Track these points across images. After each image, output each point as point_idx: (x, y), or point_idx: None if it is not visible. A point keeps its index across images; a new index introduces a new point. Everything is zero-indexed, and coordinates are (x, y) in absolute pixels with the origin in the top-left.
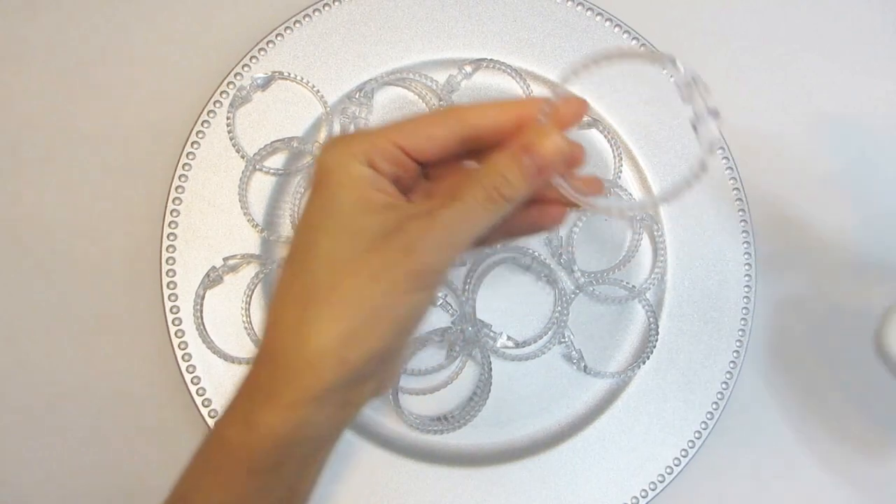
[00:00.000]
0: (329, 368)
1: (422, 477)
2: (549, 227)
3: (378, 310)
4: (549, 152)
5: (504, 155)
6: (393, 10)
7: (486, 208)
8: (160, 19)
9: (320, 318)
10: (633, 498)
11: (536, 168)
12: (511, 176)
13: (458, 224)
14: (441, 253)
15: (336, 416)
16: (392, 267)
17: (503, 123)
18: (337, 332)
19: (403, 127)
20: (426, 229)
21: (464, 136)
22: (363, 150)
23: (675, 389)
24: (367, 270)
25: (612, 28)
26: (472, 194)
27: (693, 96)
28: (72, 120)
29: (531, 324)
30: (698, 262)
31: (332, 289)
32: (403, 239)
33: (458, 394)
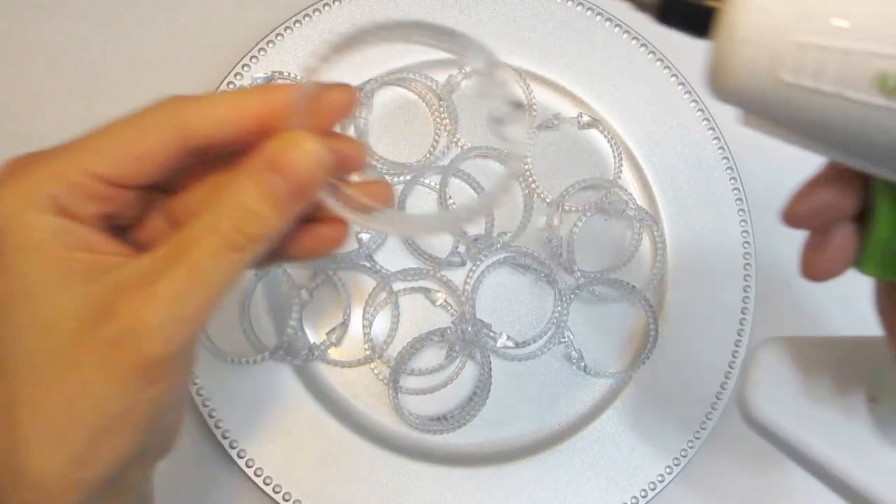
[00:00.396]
0: (64, 493)
1: (422, 477)
2: (326, 252)
3: (105, 422)
4: (304, 167)
5: (243, 178)
6: (393, 10)
7: (226, 261)
8: (160, 19)
9: (34, 443)
10: (633, 498)
11: (291, 190)
12: (256, 206)
13: (190, 291)
14: (172, 336)
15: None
16: (108, 365)
17: (240, 125)
18: (61, 457)
19: (98, 145)
20: (143, 308)
21: (188, 147)
22: (46, 191)
23: (675, 389)
24: (75, 375)
25: (612, 28)
26: (204, 245)
27: (492, 86)
28: (72, 120)
29: (531, 324)
30: (698, 262)
31: (38, 406)
32: (113, 326)
33: (458, 394)
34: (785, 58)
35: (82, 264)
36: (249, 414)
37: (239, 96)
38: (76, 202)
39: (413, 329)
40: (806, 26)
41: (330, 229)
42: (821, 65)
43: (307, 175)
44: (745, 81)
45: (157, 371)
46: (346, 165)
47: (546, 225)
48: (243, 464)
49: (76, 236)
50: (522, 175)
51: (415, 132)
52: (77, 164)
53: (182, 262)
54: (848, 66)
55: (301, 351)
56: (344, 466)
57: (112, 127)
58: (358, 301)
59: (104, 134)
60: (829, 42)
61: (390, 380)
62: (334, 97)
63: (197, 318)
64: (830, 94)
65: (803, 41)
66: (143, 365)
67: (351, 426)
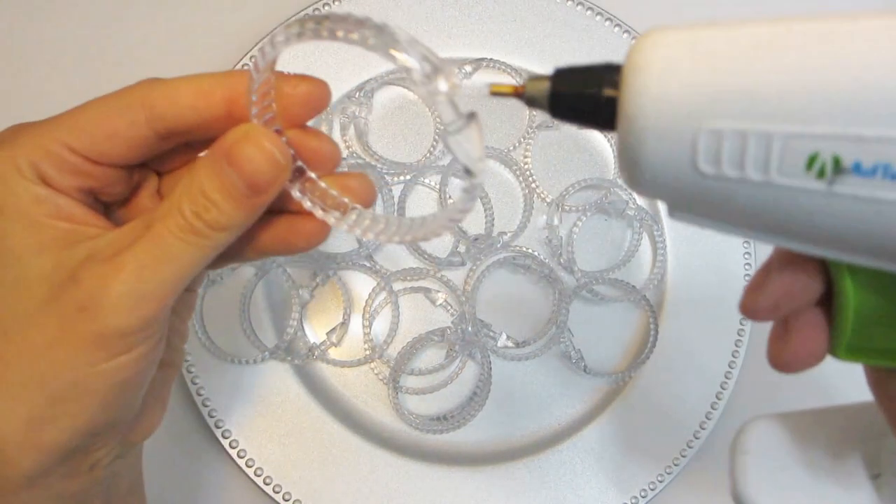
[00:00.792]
0: (24, 456)
1: (422, 477)
2: (305, 247)
3: (64, 387)
4: (257, 165)
5: (204, 164)
6: (393, 10)
7: (189, 242)
8: (160, 19)
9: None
10: (633, 498)
11: (246, 186)
12: (215, 197)
13: (152, 268)
14: (132, 309)
15: (75, 485)
16: (69, 331)
17: (207, 110)
18: (18, 418)
19: (73, 121)
20: (106, 278)
21: (158, 129)
22: (30, 159)
23: (675, 389)
24: (41, 337)
25: (613, 28)
26: (167, 224)
27: (437, 94)
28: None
29: (531, 324)
30: (698, 262)
31: (3, 362)
32: (77, 293)
33: (458, 394)
34: (700, 147)
35: (60, 231)
36: (249, 414)
37: (204, 80)
38: (56, 173)
39: (413, 329)
40: (720, 110)
41: (309, 223)
42: (742, 151)
43: (260, 174)
44: (660, 175)
45: (117, 343)
46: (318, 163)
47: (546, 225)
48: (243, 464)
49: (56, 205)
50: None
51: (415, 132)
52: (55, 137)
53: (146, 238)
54: (773, 150)
55: (301, 351)
56: (344, 466)
57: (88, 105)
58: (358, 301)
59: (80, 110)
60: (749, 126)
61: (390, 380)
62: (302, 90)
63: (159, 295)
64: (758, 183)
65: (719, 127)
66: (102, 335)
67: (351, 426)
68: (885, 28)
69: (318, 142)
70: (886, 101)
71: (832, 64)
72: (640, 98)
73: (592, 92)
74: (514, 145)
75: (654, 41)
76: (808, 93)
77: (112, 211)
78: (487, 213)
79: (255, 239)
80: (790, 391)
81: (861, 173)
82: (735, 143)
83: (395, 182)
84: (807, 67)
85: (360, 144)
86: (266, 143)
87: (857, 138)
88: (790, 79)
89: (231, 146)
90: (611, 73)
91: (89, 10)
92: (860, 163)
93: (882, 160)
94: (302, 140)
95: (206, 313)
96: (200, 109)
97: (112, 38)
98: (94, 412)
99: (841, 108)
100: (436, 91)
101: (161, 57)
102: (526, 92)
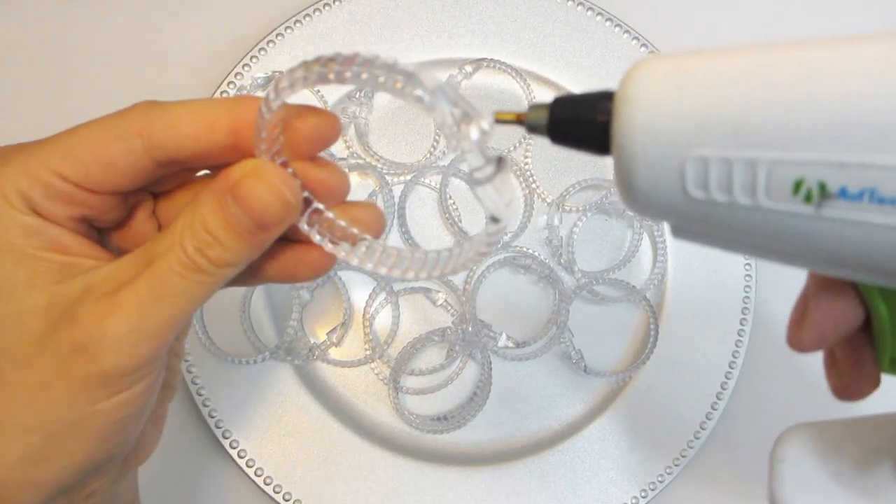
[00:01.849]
0: (23, 493)
1: (422, 477)
2: (310, 277)
3: (62, 427)
4: (265, 204)
5: (208, 199)
6: (393, 10)
7: (191, 279)
8: (160, 19)
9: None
10: (633, 498)
11: (252, 224)
12: (219, 233)
13: (154, 306)
14: (133, 348)
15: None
16: (66, 371)
17: (209, 139)
18: (15, 457)
19: (66, 147)
20: (105, 316)
21: (157, 158)
22: (17, 187)
23: (675, 389)
24: (36, 376)
25: (613, 28)
26: (169, 260)
27: (466, 142)
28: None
29: (531, 324)
30: (698, 262)
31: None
32: (75, 332)
33: (458, 394)
34: (688, 173)
35: (53, 264)
36: (249, 414)
37: (207, 108)
38: (47, 202)
39: (413, 329)
40: (705, 138)
41: (314, 253)
42: (729, 177)
43: (268, 213)
44: (653, 199)
45: (117, 382)
46: (326, 194)
47: (546, 225)
48: (244, 464)
49: (48, 237)
50: (523, 174)
51: (415, 132)
52: (46, 164)
53: (147, 274)
54: (759, 176)
55: (301, 351)
56: (344, 466)
57: (81, 129)
58: (358, 301)
59: (72, 135)
60: (734, 153)
61: (390, 380)
62: (311, 124)
63: (160, 333)
64: (747, 207)
65: (705, 155)
66: (101, 375)
67: (351, 426)
68: (864, 56)
69: (326, 173)
70: (867, 128)
71: (813, 92)
72: (628, 128)
73: (587, 119)
74: (514, 145)
75: (643, 71)
76: (790, 120)
77: (106, 235)
78: (487, 213)
79: (259, 269)
80: (790, 392)
81: (848, 197)
82: (722, 170)
83: (395, 182)
84: (788, 95)
85: (361, 144)
86: (276, 180)
87: (840, 164)
88: (772, 107)
89: (238, 183)
90: (605, 101)
91: (89, 10)
92: (846, 188)
93: (868, 185)
94: (309, 171)
95: (206, 313)
96: (203, 140)
97: (112, 39)
98: (92, 449)
99: (822, 135)
100: (466, 140)
101: (162, 57)
102: (527, 119)
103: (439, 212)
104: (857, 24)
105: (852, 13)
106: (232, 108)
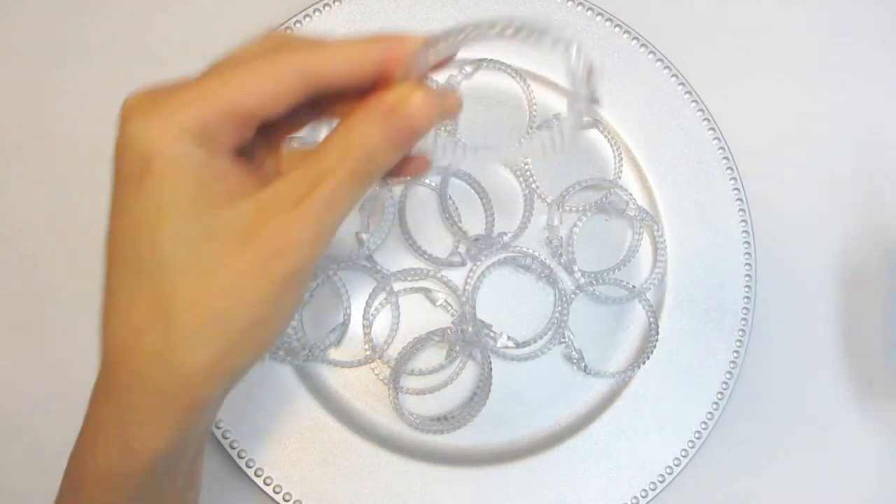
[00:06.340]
0: (209, 383)
1: (422, 477)
2: (413, 176)
3: (254, 321)
4: (422, 115)
5: (367, 119)
6: (393, 10)
7: (354, 187)
8: (160, 19)
9: (189, 340)
10: (633, 498)
11: (409, 135)
12: (380, 148)
13: (328, 212)
14: (314, 247)
15: (217, 411)
16: (263, 272)
17: (359, 73)
18: (213, 352)
19: (236, 80)
20: (296, 223)
21: (308, 89)
22: (193, 121)
23: (675, 389)
24: (231, 281)
25: (613, 28)
26: (337, 176)
27: (583, 84)
28: (71, 120)
29: (531, 324)
30: (698, 262)
31: (198, 306)
32: (272, 239)
33: (458, 394)
34: None
35: (227, 189)
36: (249, 414)
37: (362, 47)
38: (219, 131)
39: (413, 329)
40: None
41: (417, 160)
42: None
43: (424, 122)
44: None
45: (299, 278)
46: (447, 113)
47: (546, 225)
48: (243, 464)
49: (217, 164)
50: (523, 174)
51: None
52: (218, 97)
53: (320, 189)
54: None
55: (301, 351)
56: (344, 466)
57: (239, 64)
58: (358, 301)
59: (233, 71)
60: None
61: (390, 380)
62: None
63: (328, 235)
64: None
65: None
66: (289, 275)
67: (351, 426)
68: None
69: (448, 97)
70: None
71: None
72: None
73: None
74: (514, 146)
75: None
76: None
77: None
78: (487, 213)
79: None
80: (791, 392)
81: None
82: None
83: (395, 182)
84: None
85: None
86: (429, 97)
87: None
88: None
89: (399, 103)
90: None
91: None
92: None
93: None
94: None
95: None
96: (355, 73)
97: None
98: (271, 340)
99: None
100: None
101: (162, 57)
102: None
103: (439, 212)
104: (858, 23)
105: (853, 13)
106: (382, 49)
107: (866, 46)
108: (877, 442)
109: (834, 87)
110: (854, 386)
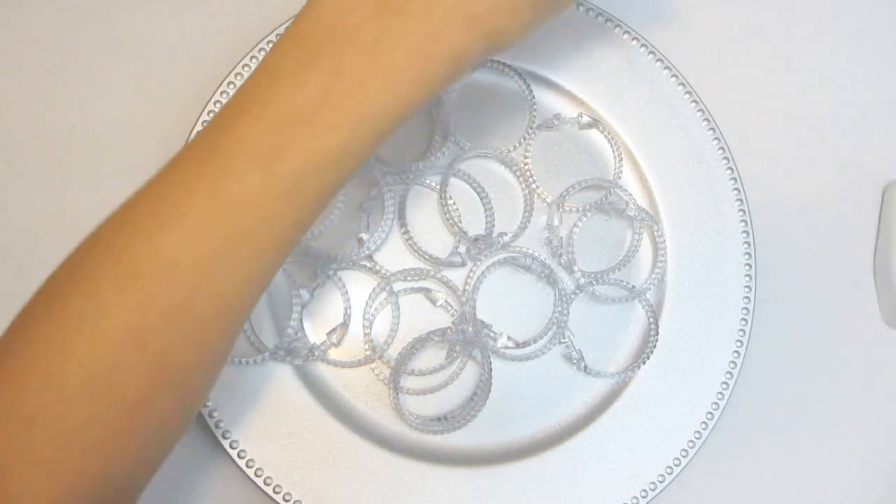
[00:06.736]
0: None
1: (422, 477)
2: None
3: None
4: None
5: None
6: None
7: None
8: (160, 19)
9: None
10: (633, 498)
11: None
12: None
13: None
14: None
15: (481, 47)
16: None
17: None
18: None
19: None
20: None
21: None
22: None
23: (675, 389)
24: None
25: (612, 28)
26: None
27: None
28: (71, 120)
29: (531, 324)
30: (698, 262)
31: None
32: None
33: (458, 394)
34: None
35: None
36: (249, 414)
37: None
38: None
39: (413, 329)
40: None
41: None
42: None
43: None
44: None
45: None
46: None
47: (546, 225)
48: (243, 464)
49: None
50: (523, 174)
51: (415, 132)
52: None
53: None
54: None
55: (301, 351)
56: (344, 467)
57: None
58: (358, 301)
59: None
60: None
61: (390, 380)
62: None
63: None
64: None
65: None
66: None
67: (351, 426)
68: None
69: None
70: None
71: None
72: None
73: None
74: (514, 145)
75: None
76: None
77: None
78: (487, 213)
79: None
80: (791, 392)
81: None
82: None
83: (395, 182)
84: None
85: None
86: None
87: None
88: None
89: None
90: None
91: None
92: None
93: None
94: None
95: None
96: None
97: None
98: None
99: None
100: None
101: (162, 57)
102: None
103: (439, 212)
104: (858, 24)
105: (853, 14)
106: None
107: (866, 47)
108: (877, 442)
109: (834, 87)
110: (854, 386)
